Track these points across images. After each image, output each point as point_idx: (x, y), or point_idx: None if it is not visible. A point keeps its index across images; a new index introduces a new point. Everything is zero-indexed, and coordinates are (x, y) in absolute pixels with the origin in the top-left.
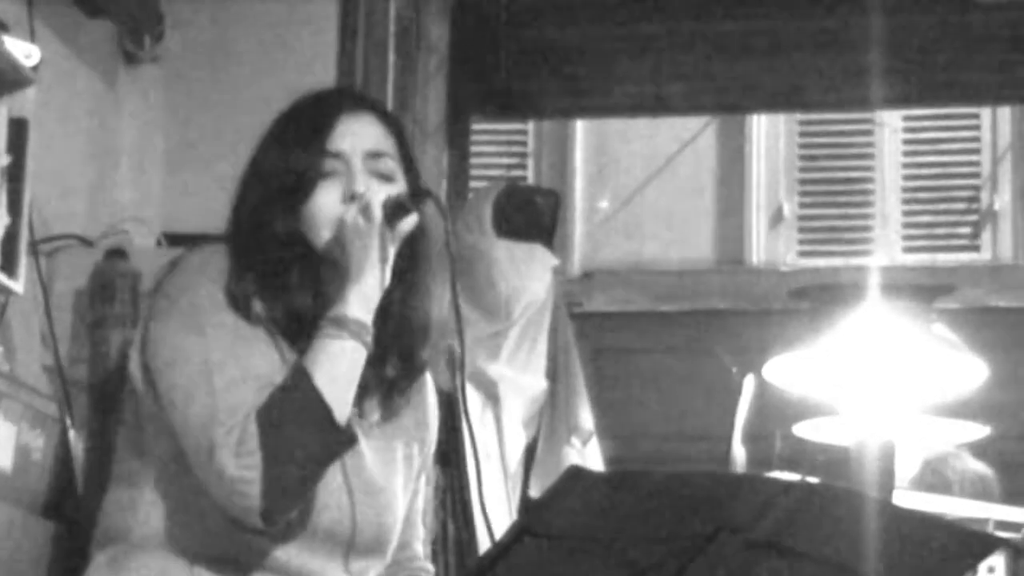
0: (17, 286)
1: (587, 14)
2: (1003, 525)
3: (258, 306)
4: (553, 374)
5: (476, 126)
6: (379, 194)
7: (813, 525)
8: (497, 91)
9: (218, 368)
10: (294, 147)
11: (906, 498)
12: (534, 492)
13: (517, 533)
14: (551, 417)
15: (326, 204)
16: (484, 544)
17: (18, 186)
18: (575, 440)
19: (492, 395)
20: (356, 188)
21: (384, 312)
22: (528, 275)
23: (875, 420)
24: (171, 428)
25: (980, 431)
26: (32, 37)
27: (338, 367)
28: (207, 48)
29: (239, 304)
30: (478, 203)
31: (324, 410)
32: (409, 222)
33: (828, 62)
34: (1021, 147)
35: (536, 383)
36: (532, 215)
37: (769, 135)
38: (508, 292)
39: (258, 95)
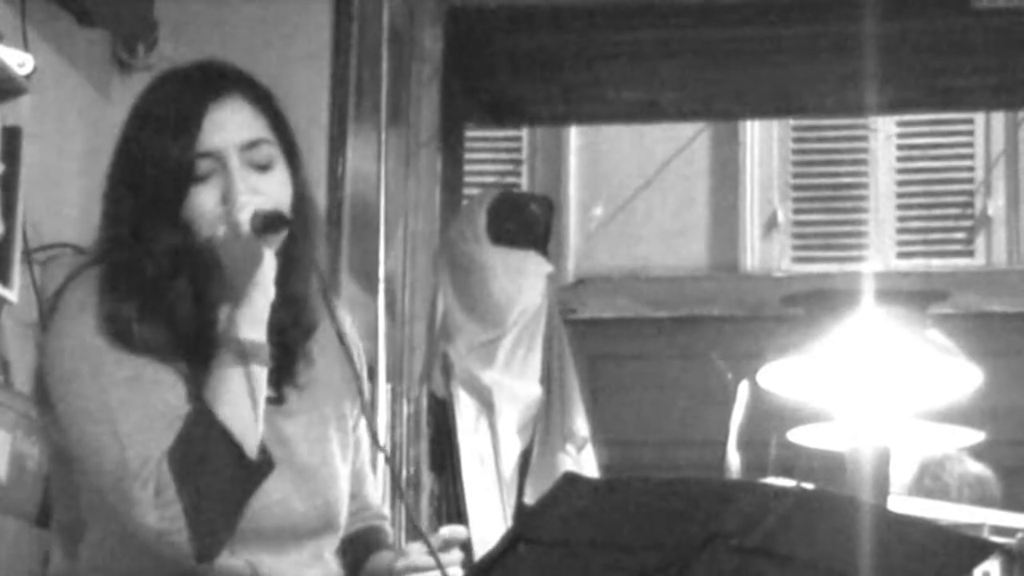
0: (11, 295)
1: (580, 22)
2: (999, 530)
3: (139, 331)
4: (547, 381)
5: (470, 133)
6: (245, 209)
7: (808, 531)
8: (490, 99)
9: (121, 414)
10: (160, 150)
11: (901, 504)
12: (529, 499)
13: (511, 540)
14: (546, 424)
15: (205, 209)
16: (479, 550)
17: (12, 195)
18: (570, 447)
19: (487, 402)
20: (232, 193)
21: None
22: (522, 282)
23: (870, 426)
24: (84, 473)
25: (975, 436)
26: (26, 46)
27: (241, 395)
28: (199, 56)
29: (121, 335)
30: (472, 210)
31: (233, 447)
32: (282, 233)
33: (822, 68)
34: (1014, 153)
35: (531, 390)
36: (526, 222)
37: (763, 141)
38: (503, 299)
39: None
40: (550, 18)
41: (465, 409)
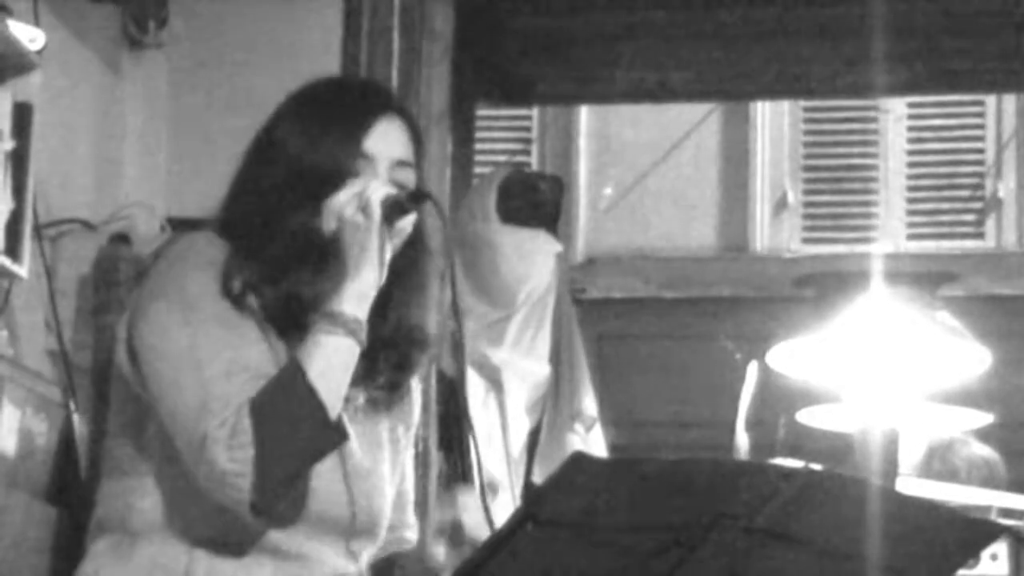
0: (21, 271)
1: (591, 2)
2: (1007, 512)
3: (251, 297)
4: (556, 360)
5: (480, 112)
6: (378, 191)
7: (816, 512)
8: (501, 77)
9: (207, 359)
10: (327, 141)
11: (909, 485)
12: (537, 478)
13: (520, 519)
14: (554, 403)
15: (341, 201)
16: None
17: (22, 171)
18: (578, 426)
19: (496, 381)
20: (367, 192)
21: (382, 312)
22: (532, 261)
23: (879, 407)
24: (160, 417)
25: (984, 419)
26: (36, 22)
27: (332, 363)
28: (211, 33)
29: (232, 294)
30: (482, 189)
31: (318, 406)
32: (408, 221)
33: (832, 49)
34: None
35: (539, 369)
36: (536, 201)
37: (773, 122)
38: (512, 278)
39: (262, 81)
40: None
41: (474, 388)
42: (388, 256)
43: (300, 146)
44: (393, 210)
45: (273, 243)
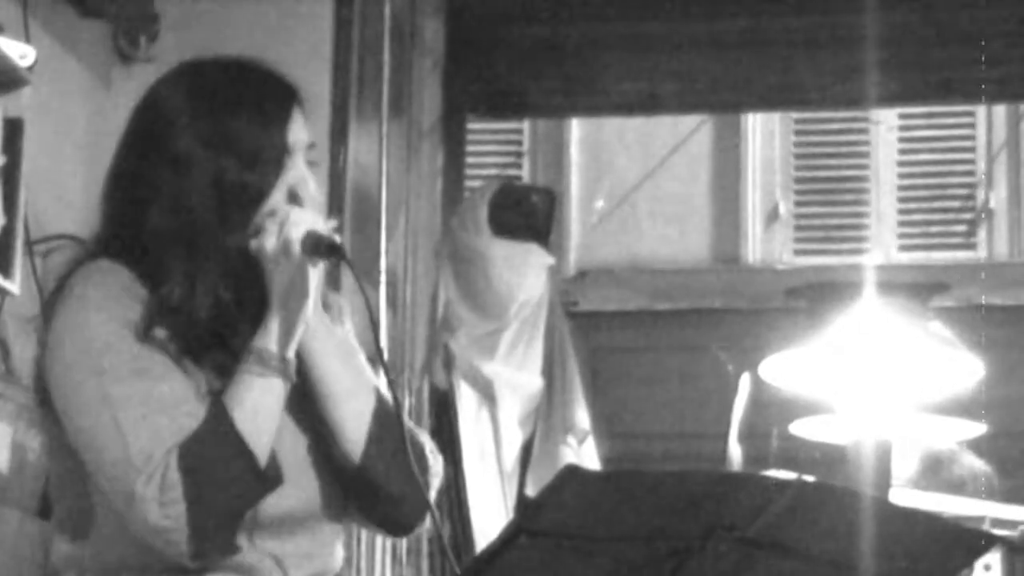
0: (13, 286)
1: (582, 13)
2: (1000, 523)
3: (161, 328)
4: (549, 373)
5: (471, 125)
6: (297, 228)
7: (809, 523)
8: (492, 90)
9: (121, 407)
10: (254, 148)
11: (903, 496)
12: (530, 490)
13: (513, 532)
14: (547, 415)
15: (273, 204)
16: (480, 542)
17: (13, 186)
18: (571, 439)
19: (488, 394)
20: (303, 193)
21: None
22: (524, 274)
23: (871, 418)
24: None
25: (977, 429)
26: (27, 37)
27: (262, 405)
28: (202, 48)
29: (144, 330)
30: (474, 202)
31: (248, 456)
32: (329, 260)
33: (823, 60)
34: (1016, 145)
35: (532, 381)
36: (528, 214)
37: (764, 134)
38: (504, 291)
39: None
40: (552, 10)
41: (466, 401)
42: (316, 290)
43: (221, 155)
44: (317, 247)
45: (202, 264)
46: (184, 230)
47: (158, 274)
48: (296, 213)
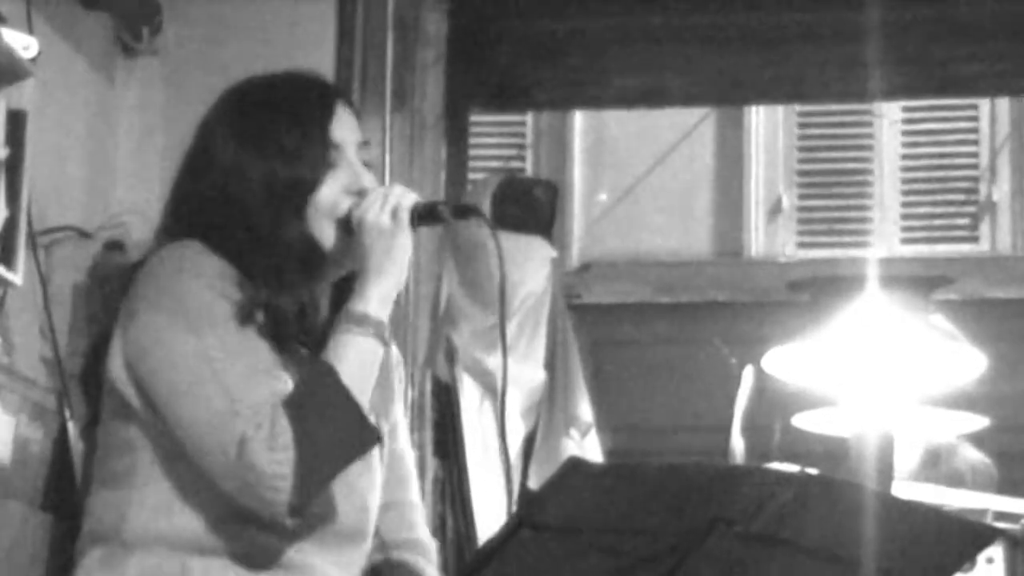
0: (16, 278)
1: (585, 5)
2: (1002, 516)
3: (258, 314)
4: (551, 366)
5: (474, 118)
6: (407, 197)
7: (811, 517)
8: (495, 83)
9: (223, 364)
10: (298, 144)
11: (905, 489)
12: (533, 484)
13: (515, 525)
14: (550, 409)
15: (329, 197)
16: (482, 535)
17: (16, 178)
18: (574, 432)
19: (490, 387)
20: (364, 183)
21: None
22: (526, 267)
23: (874, 411)
24: (169, 427)
25: (979, 422)
26: (30, 29)
27: (362, 364)
28: (205, 40)
29: (243, 317)
30: (477, 195)
31: (353, 405)
32: (432, 225)
33: (827, 54)
34: (1019, 138)
35: (535, 375)
36: (531, 207)
37: (768, 127)
38: (507, 284)
39: None
40: (555, 2)
41: (469, 394)
42: (409, 259)
43: (271, 155)
44: (423, 217)
45: (270, 256)
46: (243, 225)
47: (246, 267)
48: (397, 187)
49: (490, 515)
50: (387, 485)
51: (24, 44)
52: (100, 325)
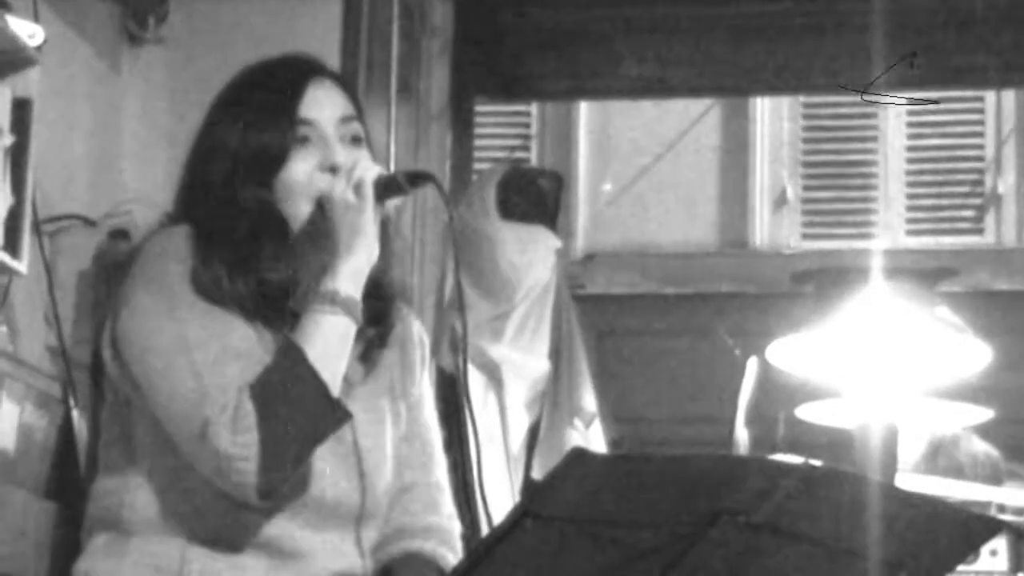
0: (21, 266)
1: None
2: (1006, 508)
3: (228, 288)
4: (556, 356)
5: (479, 108)
6: (370, 171)
7: (815, 508)
8: (500, 73)
9: (197, 347)
10: (262, 119)
11: (909, 481)
12: (537, 474)
13: (518, 515)
14: (554, 399)
15: (302, 173)
16: (486, 526)
17: (22, 166)
18: (578, 422)
19: (495, 377)
20: (336, 159)
21: None
22: (531, 257)
23: (878, 403)
24: (152, 411)
25: (984, 414)
26: (36, 17)
27: (330, 343)
28: (210, 29)
29: (208, 289)
30: (482, 185)
31: (320, 387)
32: (396, 201)
33: (832, 45)
34: None
35: (539, 365)
36: (535, 197)
37: (773, 118)
38: (511, 274)
39: None
40: None
41: (473, 384)
42: (378, 235)
43: (238, 132)
44: (387, 189)
45: (232, 231)
46: (210, 200)
47: (211, 242)
48: (363, 161)
49: (494, 505)
50: (408, 465)
51: (30, 32)
52: (104, 313)
